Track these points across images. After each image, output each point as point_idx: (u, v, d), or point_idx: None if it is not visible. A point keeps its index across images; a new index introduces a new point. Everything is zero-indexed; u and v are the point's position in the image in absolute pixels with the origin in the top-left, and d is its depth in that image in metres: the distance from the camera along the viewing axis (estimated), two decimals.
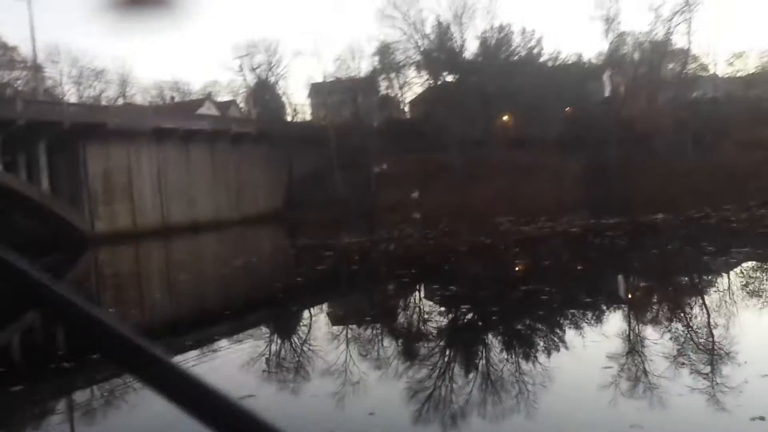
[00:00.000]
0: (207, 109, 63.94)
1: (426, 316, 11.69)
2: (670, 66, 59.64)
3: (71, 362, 9.32)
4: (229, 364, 9.50)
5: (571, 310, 11.02)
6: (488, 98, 53.97)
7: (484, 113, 55.05)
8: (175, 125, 48.43)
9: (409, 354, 9.34)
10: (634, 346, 8.94)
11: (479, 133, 54.96)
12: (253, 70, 62.52)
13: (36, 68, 52.49)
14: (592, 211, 34.59)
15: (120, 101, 62.50)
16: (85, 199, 42.36)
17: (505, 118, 58.91)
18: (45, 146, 40.90)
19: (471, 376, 8.13)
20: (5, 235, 39.03)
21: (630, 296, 13.38)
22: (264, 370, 9.15)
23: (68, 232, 40.33)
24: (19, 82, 56.73)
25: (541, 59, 60.88)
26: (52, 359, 9.58)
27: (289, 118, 63.13)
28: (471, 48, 60.92)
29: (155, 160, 47.19)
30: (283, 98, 64.29)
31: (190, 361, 9.71)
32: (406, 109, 69.14)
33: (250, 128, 55.59)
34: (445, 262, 18.69)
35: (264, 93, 63.09)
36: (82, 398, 8.40)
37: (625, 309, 11.80)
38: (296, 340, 11.11)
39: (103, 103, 56.43)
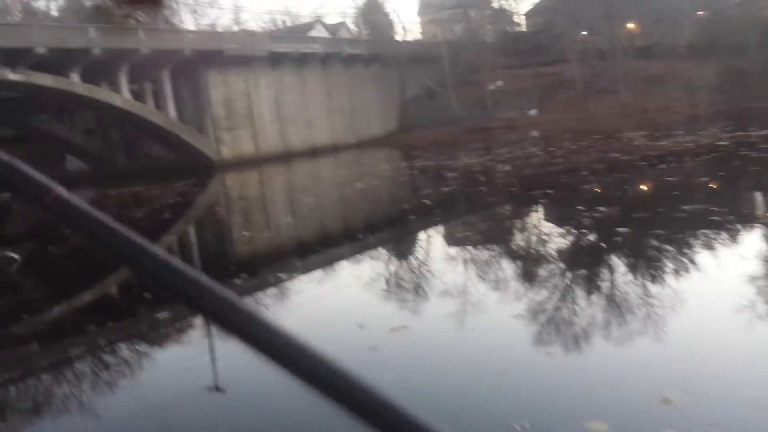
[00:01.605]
0: (317, 32, 63.59)
1: (583, 242, 10.98)
2: None
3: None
4: (354, 283, 9.29)
5: (754, 230, 9.98)
6: (612, 4, 50.28)
7: (608, 21, 51.54)
8: (289, 48, 48.52)
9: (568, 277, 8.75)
10: None
11: (602, 43, 51.76)
12: None
13: None
14: (734, 122, 31.87)
15: (234, 28, 63.16)
16: (210, 125, 43.60)
17: (631, 25, 54.92)
18: (169, 75, 42.09)
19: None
20: (139, 162, 41.04)
21: None
22: (385, 290, 8.82)
23: (196, 158, 41.82)
24: (138, 12, 58.19)
25: None
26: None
27: (399, 37, 61.85)
28: None
29: (272, 85, 47.70)
30: (393, 16, 62.92)
31: (314, 281, 9.63)
32: (522, 21, 66.03)
33: (361, 49, 54.84)
34: (584, 182, 17.65)
35: (374, 12, 61.87)
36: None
37: None
38: (441, 260, 10.73)
39: (218, 29, 57.19)
